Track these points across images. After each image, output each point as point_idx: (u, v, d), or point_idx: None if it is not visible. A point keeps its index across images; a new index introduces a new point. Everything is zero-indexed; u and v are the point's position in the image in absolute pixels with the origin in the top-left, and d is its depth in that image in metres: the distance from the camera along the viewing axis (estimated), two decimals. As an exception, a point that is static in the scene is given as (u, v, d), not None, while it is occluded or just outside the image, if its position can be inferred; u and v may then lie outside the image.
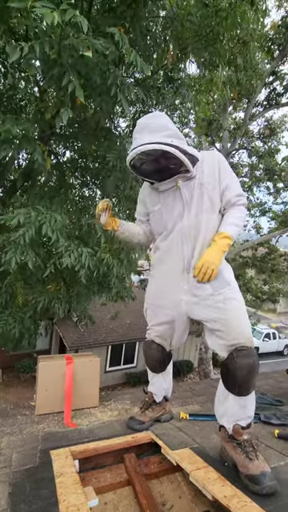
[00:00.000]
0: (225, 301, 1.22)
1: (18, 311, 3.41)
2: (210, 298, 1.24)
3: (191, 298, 1.28)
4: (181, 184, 1.28)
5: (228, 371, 1.17)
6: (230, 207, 1.34)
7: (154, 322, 1.45)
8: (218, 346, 1.23)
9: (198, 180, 1.29)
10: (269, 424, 1.57)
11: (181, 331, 1.41)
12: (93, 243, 3.10)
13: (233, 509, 0.92)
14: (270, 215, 10.28)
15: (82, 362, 1.92)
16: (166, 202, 1.33)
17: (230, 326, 1.19)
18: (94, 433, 1.47)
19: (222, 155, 1.37)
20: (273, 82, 7.83)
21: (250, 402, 1.20)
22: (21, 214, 2.46)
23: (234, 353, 1.16)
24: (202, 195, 1.28)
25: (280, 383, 2.35)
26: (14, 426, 1.58)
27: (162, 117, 1.28)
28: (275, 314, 19.16)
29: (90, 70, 2.17)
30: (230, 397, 1.19)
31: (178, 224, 1.30)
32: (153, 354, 1.48)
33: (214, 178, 1.30)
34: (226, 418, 1.20)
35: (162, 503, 1.15)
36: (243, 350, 1.16)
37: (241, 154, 10.71)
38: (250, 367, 1.14)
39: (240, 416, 1.18)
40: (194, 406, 1.84)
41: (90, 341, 8.94)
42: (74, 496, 0.98)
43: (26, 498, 1.01)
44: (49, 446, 1.33)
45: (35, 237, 2.54)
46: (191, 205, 1.28)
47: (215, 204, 1.30)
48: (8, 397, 8.03)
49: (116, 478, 1.21)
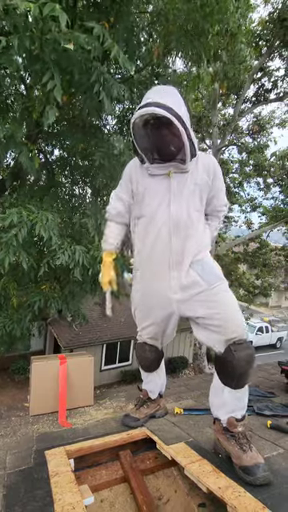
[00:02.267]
0: (218, 294, 1.21)
1: (14, 313, 3.37)
2: (203, 294, 1.21)
3: (183, 296, 1.24)
4: (172, 174, 1.24)
5: (226, 365, 1.16)
6: (214, 217, 1.41)
7: (144, 324, 1.41)
8: (214, 340, 1.21)
9: (192, 177, 1.25)
10: (262, 415, 1.60)
11: (171, 329, 1.40)
12: (86, 241, 3.08)
13: (227, 499, 0.93)
14: (260, 210, 10.40)
15: (76, 362, 1.91)
16: (151, 187, 1.27)
17: (227, 320, 1.18)
18: (88, 431, 1.46)
19: (215, 161, 1.36)
20: (261, 78, 7.90)
21: (245, 394, 1.21)
22: (13, 214, 2.42)
23: (232, 346, 1.15)
24: (194, 194, 1.26)
25: (272, 375, 2.39)
26: (8, 428, 1.57)
27: (177, 92, 1.24)
28: (267, 308, 19.46)
29: (73, 66, 2.13)
30: (226, 390, 1.19)
31: (161, 214, 1.24)
32: (147, 355, 1.46)
33: (208, 181, 1.28)
34: (223, 411, 1.21)
35: (158, 498, 1.16)
36: (241, 343, 1.15)
37: (231, 151, 10.79)
38: (248, 360, 1.15)
39: (236, 408, 1.19)
40: (188, 400, 1.86)
41: (85, 340, 8.91)
42: (69, 495, 0.98)
43: (20, 500, 1.00)
44: (43, 446, 1.32)
45: (27, 237, 2.50)
46: (181, 199, 1.24)
47: (202, 208, 1.31)
48: (2, 399, 7.94)
49: (112, 475, 1.21)
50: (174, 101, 1.16)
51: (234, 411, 1.19)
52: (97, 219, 3.13)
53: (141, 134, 1.22)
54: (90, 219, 3.10)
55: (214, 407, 1.26)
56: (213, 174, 1.29)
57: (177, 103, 1.16)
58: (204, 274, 1.23)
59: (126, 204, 1.40)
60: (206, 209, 1.35)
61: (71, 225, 3.42)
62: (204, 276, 1.23)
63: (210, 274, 1.24)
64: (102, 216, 3.21)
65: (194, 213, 1.26)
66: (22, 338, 3.65)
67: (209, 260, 1.29)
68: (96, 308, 7.89)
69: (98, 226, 3.10)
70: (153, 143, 1.22)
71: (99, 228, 3.10)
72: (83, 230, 3.15)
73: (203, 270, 1.24)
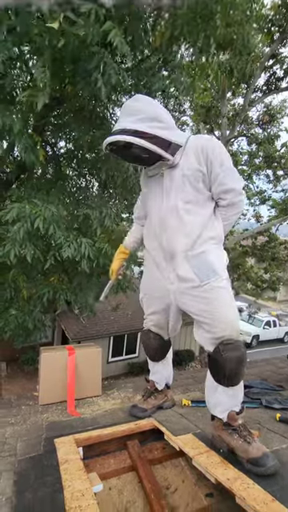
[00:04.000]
0: (211, 291, 1.17)
1: (25, 305, 3.42)
2: (196, 290, 1.19)
3: (179, 287, 1.25)
4: (164, 171, 1.24)
5: (216, 365, 1.16)
6: (218, 206, 1.28)
7: (149, 311, 1.46)
8: (203, 339, 1.20)
9: (180, 169, 1.20)
10: (270, 408, 1.59)
11: (174, 320, 1.41)
12: (90, 234, 3.08)
13: (236, 491, 0.93)
14: (269, 203, 10.20)
15: (84, 353, 1.92)
16: (151, 188, 1.34)
17: (216, 317, 1.15)
18: (97, 421, 1.48)
19: (212, 141, 1.23)
20: (272, 66, 7.63)
21: (239, 391, 1.20)
22: (15, 209, 2.43)
23: (221, 346, 1.13)
24: (183, 185, 1.21)
25: (281, 369, 2.37)
26: (18, 416, 1.60)
27: (143, 99, 1.20)
28: (275, 302, 19.28)
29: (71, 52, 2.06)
30: (219, 389, 1.19)
31: (154, 213, 1.30)
32: (151, 343, 1.49)
33: (198, 167, 1.18)
34: (219, 409, 1.21)
35: (166, 487, 1.17)
36: (230, 343, 1.13)
37: (240, 142, 10.55)
38: (238, 360, 1.13)
39: (232, 405, 1.19)
40: (195, 392, 1.86)
41: (92, 332, 9.02)
42: (78, 482, 0.99)
43: (31, 486, 1.02)
44: (53, 434, 1.34)
45: (32, 230, 2.51)
46: (170, 194, 1.24)
47: (202, 196, 1.22)
48: (12, 388, 8.16)
49: (120, 463, 1.23)
50: (134, 111, 1.15)
51: (232, 407, 1.19)
52: (101, 211, 3.11)
53: (119, 155, 1.28)
54: (94, 211, 3.08)
55: (209, 405, 1.27)
56: (204, 157, 1.18)
57: (137, 111, 1.14)
58: (198, 269, 1.20)
59: (141, 207, 1.51)
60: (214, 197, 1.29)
61: (77, 218, 3.41)
62: (197, 272, 1.19)
63: (205, 270, 1.18)
64: (108, 209, 3.18)
65: (185, 206, 1.21)
66: (35, 330, 3.71)
67: (210, 254, 1.21)
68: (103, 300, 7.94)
69: (103, 219, 3.09)
70: (130, 159, 1.30)
71: (103, 220, 3.09)
72: (89, 223, 3.14)
73: (198, 265, 1.20)
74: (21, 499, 0.96)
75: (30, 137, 2.62)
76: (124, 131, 1.12)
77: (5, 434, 1.39)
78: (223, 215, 1.30)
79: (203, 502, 1.06)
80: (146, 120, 1.13)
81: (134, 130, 1.12)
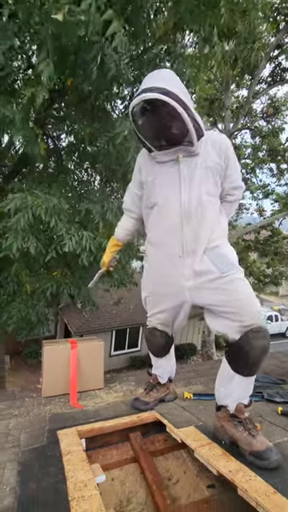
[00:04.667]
0: (231, 282, 1.18)
1: (29, 299, 3.43)
2: (216, 281, 1.19)
3: (195, 283, 1.22)
4: (181, 158, 1.19)
5: (240, 352, 1.14)
6: (224, 201, 1.32)
7: (155, 311, 1.40)
8: (227, 327, 1.19)
9: (203, 160, 1.20)
10: (272, 402, 1.59)
11: (183, 316, 1.39)
12: (91, 228, 3.06)
13: (238, 482, 0.94)
14: (273, 197, 10.11)
15: (87, 346, 1.93)
16: (161, 175, 1.24)
17: (243, 306, 1.15)
18: (99, 413, 1.49)
19: (227, 139, 1.28)
20: (278, 56, 7.46)
21: (252, 382, 1.21)
22: (16, 199, 2.41)
23: (250, 334, 1.12)
24: (208, 178, 1.20)
25: (283, 363, 2.37)
26: (22, 408, 1.62)
27: (173, 73, 1.18)
28: (277, 297, 19.26)
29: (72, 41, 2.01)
30: (236, 377, 1.18)
31: (172, 203, 1.21)
32: (157, 340, 1.46)
33: (220, 163, 1.21)
34: (231, 399, 1.20)
35: (168, 478, 1.18)
36: (260, 331, 1.13)
37: (243, 135, 10.41)
38: (263, 349, 1.13)
39: (244, 395, 1.20)
40: (197, 386, 1.86)
41: (95, 326, 9.08)
42: (81, 472, 1.00)
43: (34, 476, 1.03)
44: (56, 426, 1.35)
45: (34, 222, 2.50)
46: (192, 183, 1.20)
47: (218, 190, 1.25)
48: (16, 381, 8.27)
49: (122, 455, 1.24)
50: (169, 82, 1.11)
51: (242, 398, 1.19)
52: (103, 206, 3.08)
53: (141, 122, 1.18)
54: (96, 205, 3.06)
55: (221, 395, 1.25)
56: (224, 155, 1.22)
57: (171, 83, 1.11)
58: (218, 261, 1.20)
59: (135, 198, 1.42)
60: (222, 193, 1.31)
61: (79, 212, 3.40)
62: (218, 264, 1.20)
63: (224, 262, 1.20)
64: (109, 203, 3.16)
65: (208, 198, 1.21)
66: (39, 324, 3.73)
67: (224, 247, 1.25)
68: (105, 295, 7.98)
69: (104, 213, 3.06)
70: (155, 130, 1.17)
71: (105, 215, 3.06)
72: (91, 217, 3.12)
73: (217, 257, 1.21)
74: (25, 489, 0.97)
75: (31, 129, 2.59)
76: (168, 93, 1.04)
77: (8, 426, 1.41)
78: (227, 210, 1.36)
79: (205, 493, 1.07)
80: (184, 93, 1.11)
81: (179, 99, 1.07)
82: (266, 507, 0.83)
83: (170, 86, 1.08)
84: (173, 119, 1.10)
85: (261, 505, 0.85)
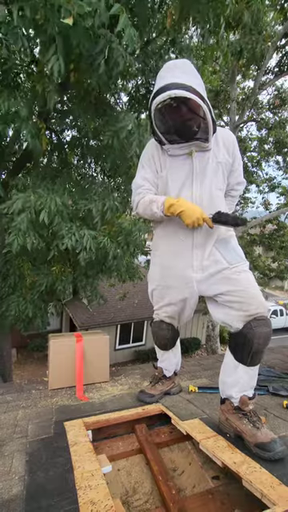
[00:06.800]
0: (239, 273, 1.22)
1: (27, 292, 3.48)
2: (224, 272, 1.22)
3: (203, 274, 1.25)
4: (195, 153, 1.21)
5: (243, 341, 1.16)
6: (228, 196, 1.38)
7: (162, 303, 1.41)
8: (231, 317, 1.20)
9: (214, 155, 1.23)
10: (277, 395, 1.59)
11: (190, 309, 1.40)
12: (92, 225, 3.06)
13: (242, 474, 0.94)
14: (279, 191, 9.96)
15: (92, 339, 1.95)
16: (173, 169, 1.25)
17: (249, 296, 1.18)
18: (105, 405, 1.51)
19: (233, 135, 1.33)
20: (285, 46, 7.27)
21: (256, 373, 1.22)
22: (20, 200, 2.43)
23: (253, 322, 1.15)
24: (217, 172, 1.24)
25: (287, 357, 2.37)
26: (29, 400, 1.64)
27: (190, 64, 1.17)
28: (282, 291, 19.16)
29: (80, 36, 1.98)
30: (240, 367, 1.20)
31: (185, 195, 1.23)
32: (164, 333, 1.48)
33: (228, 159, 1.27)
34: (236, 389, 1.22)
35: (173, 469, 1.20)
36: (262, 319, 1.15)
37: (249, 128, 10.24)
38: (266, 336, 1.15)
39: (248, 386, 1.21)
40: (202, 379, 1.87)
41: (100, 320, 9.16)
42: (88, 463, 1.02)
43: (42, 466, 1.06)
44: (62, 417, 1.38)
45: (36, 221, 2.52)
46: (204, 178, 1.23)
47: (225, 185, 1.30)
48: (22, 374, 8.42)
49: (128, 446, 1.26)
50: (190, 76, 1.11)
51: (247, 389, 1.21)
52: (104, 204, 3.06)
53: (160, 117, 1.18)
54: (97, 203, 3.03)
55: (225, 386, 1.26)
56: (232, 149, 1.28)
57: (193, 78, 1.11)
58: (226, 253, 1.25)
59: (153, 183, 1.32)
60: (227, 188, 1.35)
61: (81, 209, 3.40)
62: (226, 255, 1.24)
63: (232, 254, 1.25)
64: (110, 201, 3.13)
65: (217, 192, 1.26)
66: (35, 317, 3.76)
67: (232, 240, 1.29)
68: (110, 289, 8.02)
69: (105, 212, 3.04)
70: (173, 125, 1.18)
71: (105, 213, 3.04)
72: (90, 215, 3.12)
73: (226, 249, 1.25)
74: (33, 478, 0.99)
75: (34, 123, 2.59)
76: (194, 91, 1.06)
77: (16, 417, 1.44)
78: (229, 205, 1.41)
79: (210, 484, 1.08)
80: (202, 88, 1.12)
81: (202, 96, 1.09)
82: (271, 498, 0.84)
83: (192, 81, 1.09)
84: (193, 116, 1.13)
85: (266, 496, 0.85)
